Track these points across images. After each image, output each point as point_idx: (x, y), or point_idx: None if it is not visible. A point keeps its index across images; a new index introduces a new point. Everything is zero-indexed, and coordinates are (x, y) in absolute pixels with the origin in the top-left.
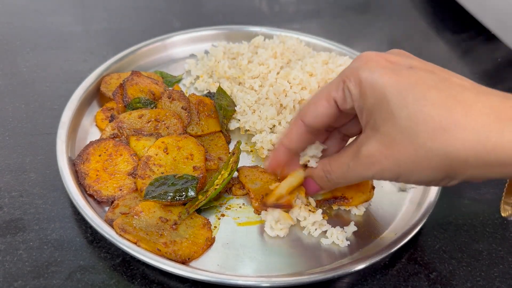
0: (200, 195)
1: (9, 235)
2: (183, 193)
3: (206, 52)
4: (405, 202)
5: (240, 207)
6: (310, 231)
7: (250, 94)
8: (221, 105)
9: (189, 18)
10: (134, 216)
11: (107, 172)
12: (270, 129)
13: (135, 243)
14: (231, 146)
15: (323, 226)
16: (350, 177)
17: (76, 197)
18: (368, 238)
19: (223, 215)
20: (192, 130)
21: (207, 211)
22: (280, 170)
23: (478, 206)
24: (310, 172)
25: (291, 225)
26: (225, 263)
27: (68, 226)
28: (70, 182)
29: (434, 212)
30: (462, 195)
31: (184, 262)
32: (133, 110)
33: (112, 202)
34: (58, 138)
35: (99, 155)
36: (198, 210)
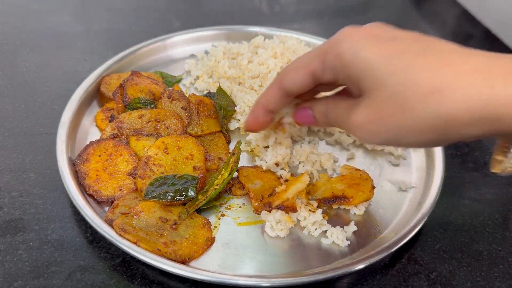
0: (200, 195)
1: (9, 235)
2: (183, 193)
3: (206, 52)
4: (405, 202)
5: (240, 207)
6: (310, 231)
7: (250, 94)
8: (221, 105)
9: (189, 18)
10: (134, 216)
11: (107, 172)
12: None
13: (135, 243)
14: (231, 146)
15: (323, 226)
16: (342, 128)
17: (76, 197)
18: (368, 238)
19: (223, 215)
20: (192, 130)
21: (207, 211)
22: (258, 128)
23: (478, 206)
24: (312, 104)
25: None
26: (225, 263)
27: (68, 226)
28: (70, 182)
29: (434, 212)
30: (462, 195)
31: (184, 262)
32: (133, 110)
33: (112, 202)
34: (58, 138)
35: (99, 155)
36: (198, 210)
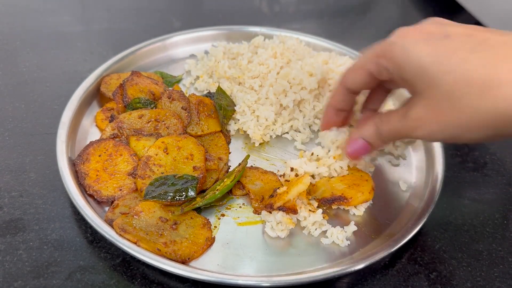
0: (198, 198)
1: (9, 235)
2: (183, 193)
3: (206, 52)
4: (405, 202)
5: (240, 207)
6: (310, 231)
7: (250, 94)
8: (221, 105)
9: (189, 18)
10: (134, 216)
11: (107, 172)
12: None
13: (135, 243)
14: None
15: (323, 226)
16: (400, 134)
17: (76, 197)
18: (368, 238)
19: (223, 215)
20: (192, 130)
21: (207, 211)
22: (330, 127)
23: (478, 206)
24: (360, 131)
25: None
26: (225, 263)
27: (68, 226)
28: (70, 182)
29: (434, 212)
30: (462, 195)
31: (184, 262)
32: (133, 110)
33: (112, 202)
34: (58, 138)
35: (99, 155)
36: (198, 210)
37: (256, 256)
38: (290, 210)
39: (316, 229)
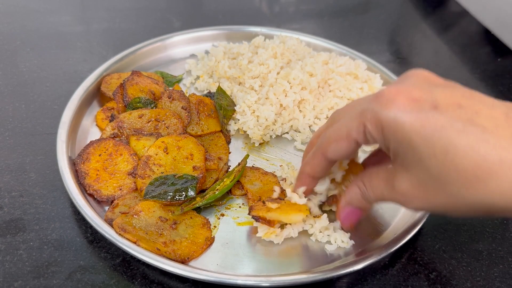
0: (198, 197)
1: (9, 235)
2: (183, 192)
3: (207, 52)
4: None
5: (239, 207)
6: (317, 238)
7: (250, 94)
8: (221, 105)
9: (189, 18)
10: (134, 215)
11: (107, 171)
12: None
13: (135, 243)
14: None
15: (328, 231)
16: (389, 201)
17: (76, 196)
18: (368, 238)
19: (223, 215)
20: (192, 130)
21: (207, 211)
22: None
23: None
24: (346, 198)
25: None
26: (224, 263)
27: (68, 226)
28: (70, 182)
29: None
30: None
31: (183, 261)
32: (133, 110)
33: (112, 201)
34: (58, 138)
35: (99, 155)
36: (198, 209)
37: (255, 255)
38: (266, 223)
39: (323, 236)
